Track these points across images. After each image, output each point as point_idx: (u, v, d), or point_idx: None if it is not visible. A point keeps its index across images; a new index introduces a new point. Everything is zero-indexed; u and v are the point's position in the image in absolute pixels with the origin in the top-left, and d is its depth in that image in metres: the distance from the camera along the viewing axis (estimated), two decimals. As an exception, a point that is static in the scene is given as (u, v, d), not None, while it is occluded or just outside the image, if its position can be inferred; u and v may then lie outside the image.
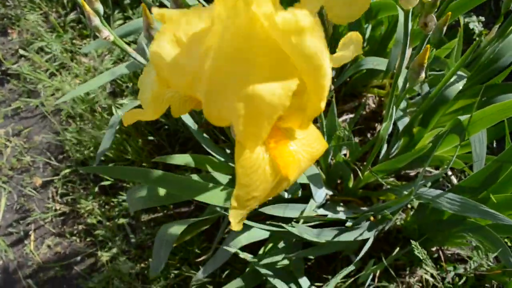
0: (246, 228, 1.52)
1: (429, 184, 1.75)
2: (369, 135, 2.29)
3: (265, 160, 0.47)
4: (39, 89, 2.67)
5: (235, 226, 0.53)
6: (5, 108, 2.68)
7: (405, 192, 1.57)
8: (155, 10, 0.45)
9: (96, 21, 1.25)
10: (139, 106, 0.62)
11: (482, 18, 2.19)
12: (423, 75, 1.05)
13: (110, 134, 1.74)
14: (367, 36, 2.03)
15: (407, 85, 1.17)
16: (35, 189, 2.38)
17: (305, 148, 0.48)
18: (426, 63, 1.02)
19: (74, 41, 2.80)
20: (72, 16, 2.86)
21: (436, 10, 1.20)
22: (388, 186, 1.95)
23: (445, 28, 1.21)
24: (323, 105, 0.44)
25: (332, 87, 2.19)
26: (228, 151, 2.12)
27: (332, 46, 1.01)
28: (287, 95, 0.39)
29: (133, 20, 1.98)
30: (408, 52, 1.19)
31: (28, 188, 2.39)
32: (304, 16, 0.38)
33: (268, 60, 0.40)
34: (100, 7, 1.26)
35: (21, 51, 2.87)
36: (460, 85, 1.63)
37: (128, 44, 2.58)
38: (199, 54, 0.41)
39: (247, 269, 1.65)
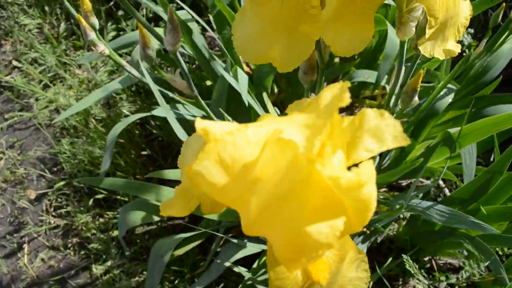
0: (241, 244, 1.53)
1: (421, 195, 1.77)
2: (361, 145, 2.31)
3: (298, 267, 0.47)
4: (33, 102, 2.67)
5: None
6: (-1, 120, 2.68)
7: (397, 206, 1.59)
8: (199, 123, 0.44)
9: (92, 35, 1.26)
10: (137, 122, 0.62)
11: (471, 30, 2.23)
12: (416, 99, 1.08)
13: (108, 155, 1.75)
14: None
15: (399, 106, 1.19)
16: (29, 201, 2.38)
17: (336, 253, 0.49)
18: (419, 88, 1.05)
19: (67, 52, 2.81)
20: (65, 27, 2.86)
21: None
22: (381, 197, 1.98)
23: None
24: (360, 228, 0.45)
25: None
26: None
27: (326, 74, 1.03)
28: (335, 234, 0.40)
29: (127, 33, 1.99)
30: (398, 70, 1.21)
31: (21, 200, 2.38)
32: (367, 172, 0.40)
33: (320, 202, 0.40)
34: (95, 21, 1.27)
35: (14, 62, 2.87)
36: (449, 98, 1.66)
37: (122, 55, 2.59)
38: (245, 183, 0.40)
39: (242, 283, 1.66)
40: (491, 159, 2.06)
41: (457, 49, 0.83)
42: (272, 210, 0.42)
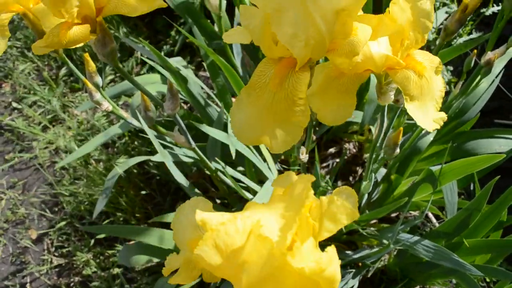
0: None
1: (409, 228, 1.87)
2: (351, 178, 2.41)
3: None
4: (33, 143, 2.75)
5: None
6: (0, 161, 2.75)
7: (384, 240, 1.68)
8: (198, 215, 0.56)
9: (97, 96, 1.36)
10: (138, 164, 0.70)
11: (451, 68, 2.36)
12: (397, 151, 1.18)
13: (104, 196, 1.83)
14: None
15: (382, 155, 1.30)
16: (31, 241, 2.44)
17: None
18: (399, 142, 1.15)
19: (66, 94, 2.91)
20: (64, 70, 2.97)
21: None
22: (372, 228, 2.06)
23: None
24: None
25: (314, 137, 2.32)
26: (218, 201, 2.22)
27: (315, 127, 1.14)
28: None
29: (124, 81, 2.10)
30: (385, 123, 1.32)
31: (23, 240, 2.45)
32: (327, 259, 0.52)
33: (296, 281, 0.52)
34: (99, 80, 1.36)
35: (14, 104, 2.97)
36: (430, 137, 1.77)
37: (119, 97, 2.69)
38: (236, 263, 0.52)
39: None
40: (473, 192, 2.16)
41: (443, 117, 0.89)
42: (259, 286, 0.53)
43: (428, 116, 0.84)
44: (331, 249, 0.53)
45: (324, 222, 0.59)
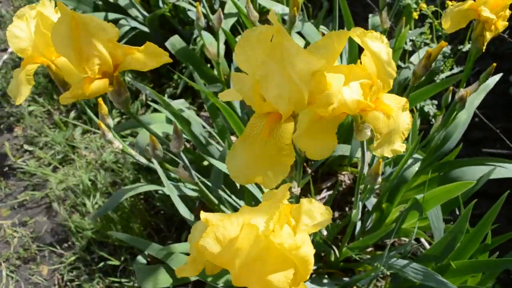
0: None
1: (401, 253, 1.98)
2: (347, 208, 2.54)
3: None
4: (44, 183, 2.90)
5: None
6: (12, 200, 2.89)
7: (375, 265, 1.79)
8: (202, 214, 0.74)
9: (109, 135, 1.52)
10: (142, 197, 0.82)
11: (435, 102, 2.53)
12: (379, 180, 1.33)
13: (109, 206, 1.96)
14: (336, 124, 2.34)
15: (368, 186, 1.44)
16: (42, 276, 2.55)
17: None
18: (380, 173, 1.30)
19: (75, 135, 3.08)
20: (73, 114, 3.16)
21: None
22: (368, 256, 2.18)
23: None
24: (308, 277, 0.73)
25: (309, 170, 2.47)
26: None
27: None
28: (287, 281, 0.67)
29: (130, 119, 2.26)
30: (367, 154, 1.46)
31: (35, 276, 2.56)
32: (301, 239, 0.69)
33: (277, 261, 0.67)
34: (110, 121, 1.53)
35: (26, 146, 3.13)
36: (416, 167, 1.91)
37: (126, 136, 2.86)
38: (231, 251, 0.68)
39: None
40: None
41: (402, 148, 1.06)
42: (249, 268, 0.68)
43: (392, 145, 1.00)
44: (304, 234, 0.70)
45: (302, 217, 0.76)
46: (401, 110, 1.06)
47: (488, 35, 1.51)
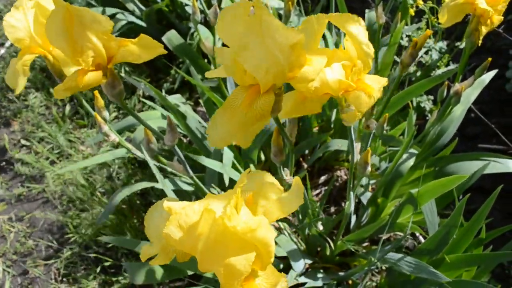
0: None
1: (397, 246, 1.99)
2: (343, 204, 2.54)
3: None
4: (41, 177, 2.90)
5: None
6: (8, 195, 2.89)
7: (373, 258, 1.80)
8: (165, 203, 0.74)
9: (105, 128, 1.52)
10: (138, 192, 0.83)
11: (431, 97, 2.53)
12: (369, 169, 1.33)
13: (107, 211, 1.97)
14: (332, 119, 2.34)
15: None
16: (38, 271, 2.55)
17: (266, 281, 0.75)
18: (369, 161, 1.30)
19: (72, 130, 3.08)
20: (70, 107, 3.15)
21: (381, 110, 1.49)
22: (364, 251, 2.18)
23: (385, 125, 1.51)
24: (272, 260, 0.73)
25: (305, 165, 2.47)
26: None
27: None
28: (249, 263, 0.67)
29: (127, 117, 2.27)
30: (357, 145, 1.47)
31: (31, 271, 2.56)
32: (255, 221, 0.69)
33: (237, 244, 0.68)
34: (106, 114, 1.53)
35: (23, 141, 3.13)
36: (411, 162, 1.92)
37: (123, 132, 2.86)
38: (194, 236, 0.68)
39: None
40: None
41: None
42: (210, 252, 0.69)
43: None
44: (261, 217, 0.71)
45: (259, 200, 0.80)
46: (382, 89, 1.07)
47: (484, 30, 1.51)
